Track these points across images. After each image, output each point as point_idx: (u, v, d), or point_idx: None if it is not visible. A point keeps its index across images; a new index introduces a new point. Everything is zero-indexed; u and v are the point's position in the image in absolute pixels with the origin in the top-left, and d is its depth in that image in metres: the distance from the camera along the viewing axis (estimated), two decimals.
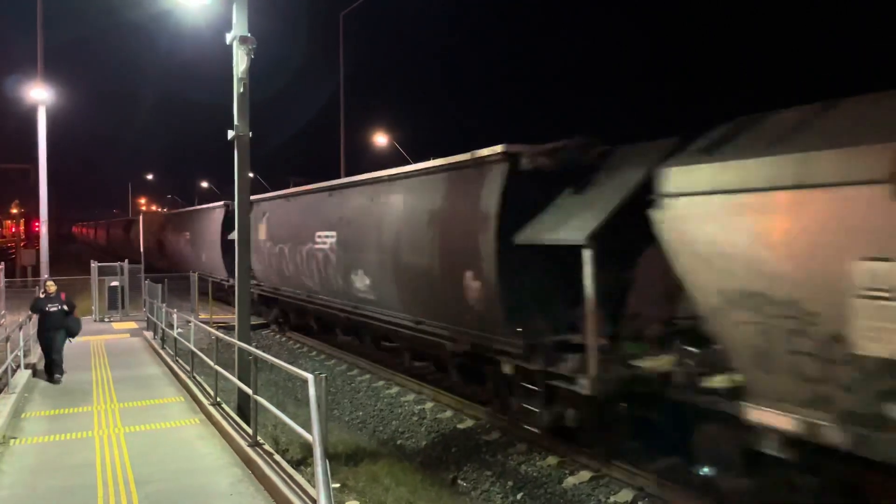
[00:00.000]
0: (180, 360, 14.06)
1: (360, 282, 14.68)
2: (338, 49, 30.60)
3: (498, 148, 10.23)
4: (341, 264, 15.51)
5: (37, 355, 14.45)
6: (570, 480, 8.89)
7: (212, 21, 11.75)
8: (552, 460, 9.55)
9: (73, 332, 13.43)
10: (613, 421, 8.98)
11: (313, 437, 5.25)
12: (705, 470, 8.05)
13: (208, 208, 31.35)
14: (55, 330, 12.96)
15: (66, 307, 13.13)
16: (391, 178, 13.68)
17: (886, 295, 5.66)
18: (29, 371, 13.42)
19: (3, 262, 24.40)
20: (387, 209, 13.60)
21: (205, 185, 73.56)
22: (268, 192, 23.70)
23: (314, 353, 18.41)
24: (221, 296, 27.21)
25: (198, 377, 12.34)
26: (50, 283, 13.68)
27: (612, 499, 8.32)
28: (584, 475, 8.95)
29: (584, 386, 8.74)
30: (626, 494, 8.33)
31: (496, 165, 10.31)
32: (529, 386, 9.91)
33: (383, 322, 14.15)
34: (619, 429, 8.97)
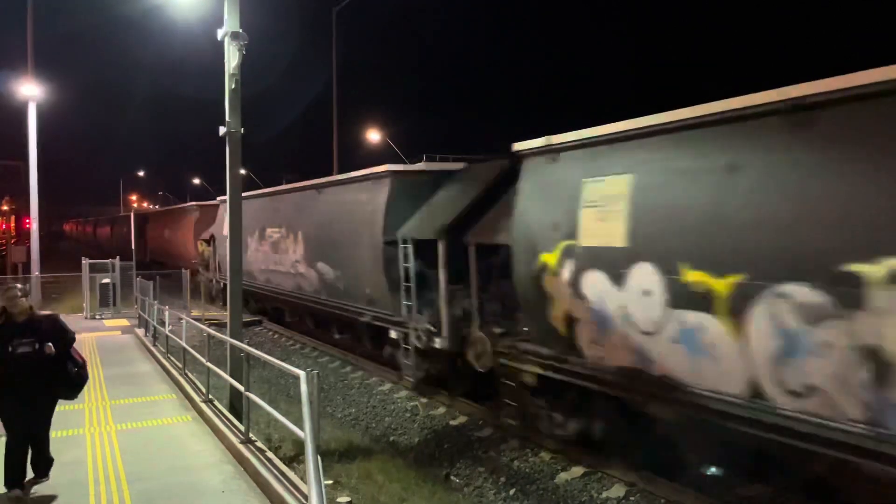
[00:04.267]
0: (172, 358, 14.01)
1: (298, 268, 17.97)
2: (330, 44, 30.51)
3: (384, 167, 13.85)
4: (283, 254, 18.94)
5: None
6: (563, 476, 8.92)
7: (204, 16, 11.71)
8: (545, 456, 9.57)
9: (67, 392, 7.19)
10: (463, 369, 11.54)
11: (305, 434, 5.25)
12: (713, 470, 8.06)
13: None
14: (29, 388, 6.70)
15: (50, 345, 6.70)
16: (314, 187, 17.44)
17: None
18: None
19: None
20: (313, 211, 17.19)
21: (196, 181, 73.32)
22: (260, 188, 24.64)
23: (307, 349, 18.38)
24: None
25: (190, 374, 12.30)
26: (15, 294, 6.79)
27: (604, 494, 8.34)
28: (577, 471, 8.98)
29: (439, 343, 11.67)
30: (619, 490, 8.36)
31: (384, 179, 13.53)
32: (407, 346, 12.83)
33: (314, 302, 17.33)
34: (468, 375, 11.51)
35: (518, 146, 9.81)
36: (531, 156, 9.59)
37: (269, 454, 7.79)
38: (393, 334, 13.28)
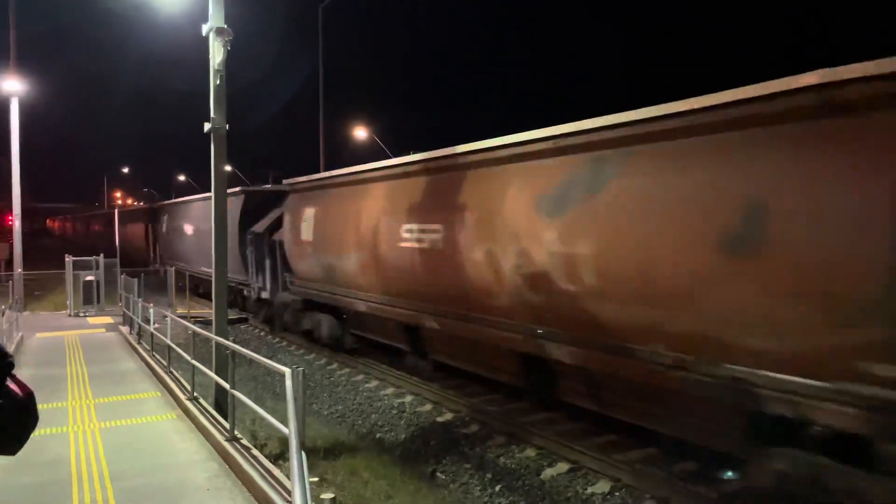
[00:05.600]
0: (157, 355, 13.92)
1: (204, 256, 23.06)
2: (317, 40, 30.37)
3: (238, 188, 22.84)
4: (196, 247, 27.21)
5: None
6: (549, 472, 8.95)
7: (188, 11, 11.62)
8: (531, 452, 9.61)
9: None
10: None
11: (289, 431, 5.24)
12: (729, 474, 8.07)
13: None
14: None
15: None
16: (202, 199, 26.77)
17: None
18: None
19: None
20: (205, 216, 23.15)
21: (182, 178, 72.84)
22: (246, 185, 25.74)
23: (293, 347, 18.33)
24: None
25: (175, 372, 12.23)
26: None
27: (589, 489, 8.38)
28: (562, 467, 9.02)
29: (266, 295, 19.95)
30: (604, 485, 8.40)
31: (239, 195, 22.21)
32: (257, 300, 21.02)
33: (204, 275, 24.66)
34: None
35: (285, 182, 18.74)
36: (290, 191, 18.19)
37: (255, 452, 7.77)
38: (245, 292, 22.04)
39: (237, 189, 22.66)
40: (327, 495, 4.47)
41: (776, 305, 6.21)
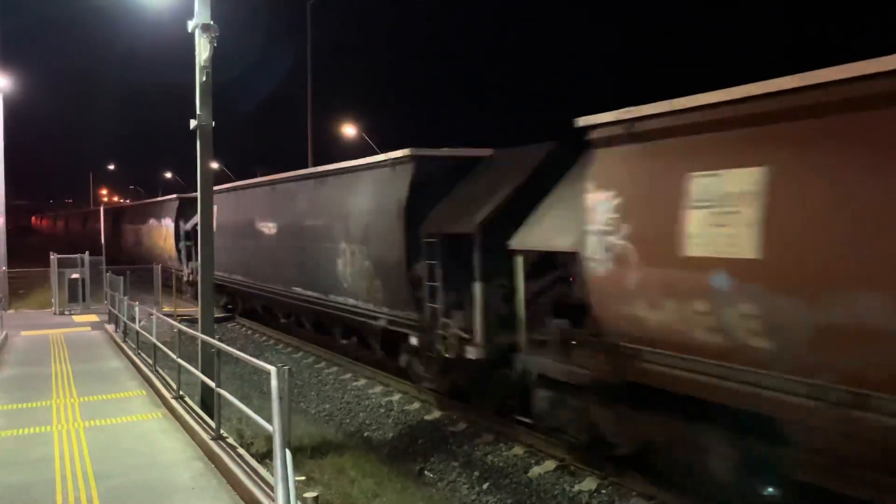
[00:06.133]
0: (143, 354, 13.83)
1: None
2: (311, 36, 30.20)
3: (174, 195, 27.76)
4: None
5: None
6: (536, 470, 8.97)
7: (174, 7, 11.53)
8: (518, 450, 9.62)
9: None
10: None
11: (274, 429, 5.23)
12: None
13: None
14: None
15: None
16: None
17: None
18: None
19: None
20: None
21: (168, 175, 72.40)
22: (233, 181, 25.86)
23: (280, 345, 18.27)
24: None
25: (161, 371, 12.15)
26: None
27: (576, 487, 8.41)
28: (550, 465, 9.04)
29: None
30: (591, 482, 8.43)
31: (172, 203, 28.12)
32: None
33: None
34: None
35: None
36: None
37: (241, 451, 7.73)
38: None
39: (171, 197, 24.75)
40: (310, 494, 4.46)
41: None
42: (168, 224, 30.79)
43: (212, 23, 10.15)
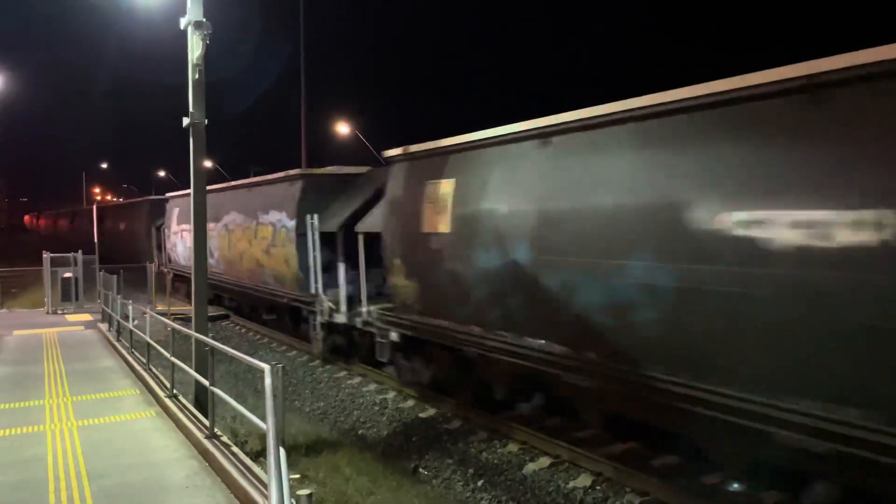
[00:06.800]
0: (136, 353, 13.77)
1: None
2: (305, 36, 30.13)
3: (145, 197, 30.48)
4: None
5: None
6: (531, 466, 8.98)
7: (166, 4, 11.46)
8: (513, 447, 9.63)
9: None
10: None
11: (267, 427, 5.22)
12: (736, 486, 7.90)
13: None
14: None
15: None
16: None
17: None
18: None
19: None
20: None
21: (162, 174, 72.17)
22: (227, 181, 25.60)
23: (274, 343, 18.24)
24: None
25: (154, 369, 12.11)
26: None
27: (571, 484, 8.42)
28: (544, 461, 9.05)
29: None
30: (585, 479, 8.44)
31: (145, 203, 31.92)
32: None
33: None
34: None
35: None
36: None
37: (235, 449, 7.71)
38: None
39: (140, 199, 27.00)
40: (304, 491, 4.45)
41: None
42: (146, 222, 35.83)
43: (204, 20, 10.11)
